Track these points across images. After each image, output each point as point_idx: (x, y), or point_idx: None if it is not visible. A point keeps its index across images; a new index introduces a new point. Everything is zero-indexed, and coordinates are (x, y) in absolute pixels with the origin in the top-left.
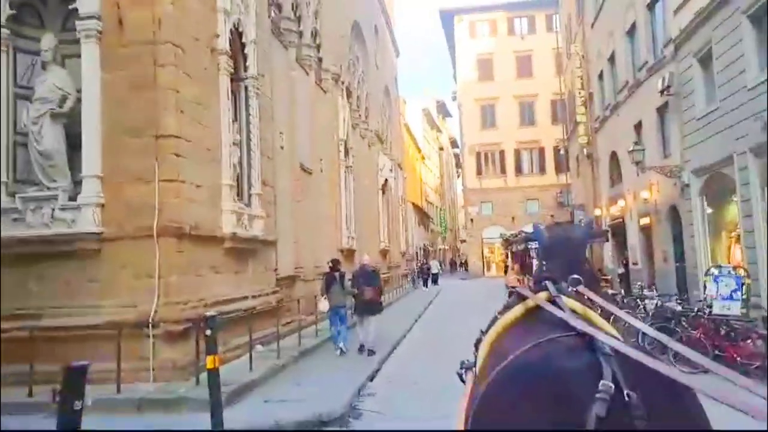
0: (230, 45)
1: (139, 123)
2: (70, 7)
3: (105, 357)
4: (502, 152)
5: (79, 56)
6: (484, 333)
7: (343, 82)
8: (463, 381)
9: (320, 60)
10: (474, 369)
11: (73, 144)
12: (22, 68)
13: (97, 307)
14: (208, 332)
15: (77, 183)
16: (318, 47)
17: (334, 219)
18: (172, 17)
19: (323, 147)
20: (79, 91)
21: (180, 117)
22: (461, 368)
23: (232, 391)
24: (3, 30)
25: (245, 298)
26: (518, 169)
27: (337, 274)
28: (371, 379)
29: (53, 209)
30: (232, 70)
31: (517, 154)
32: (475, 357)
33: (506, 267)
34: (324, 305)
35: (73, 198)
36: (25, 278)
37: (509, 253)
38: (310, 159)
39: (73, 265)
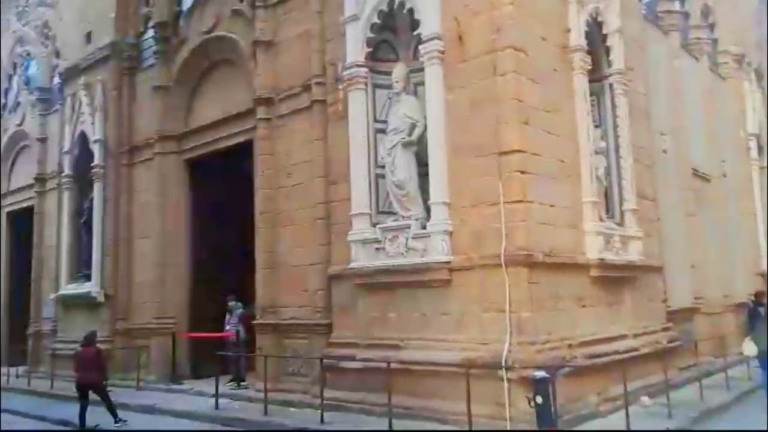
0: (586, 39)
1: (481, 141)
2: (414, 33)
3: (458, 396)
4: None
5: None
6: None
7: (749, 63)
8: None
9: (715, 41)
10: None
11: (425, 172)
12: (380, 103)
13: (449, 342)
14: (539, 400)
15: (429, 211)
16: (711, 27)
17: (748, 235)
18: (512, 19)
19: (725, 146)
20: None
21: (524, 129)
22: None
23: None
24: (360, 69)
25: (622, 336)
26: None
27: (762, 309)
28: None
29: (407, 239)
30: (590, 67)
31: None
32: None
33: None
34: (749, 348)
35: (425, 226)
36: (385, 308)
37: None
38: (706, 162)
39: (426, 295)
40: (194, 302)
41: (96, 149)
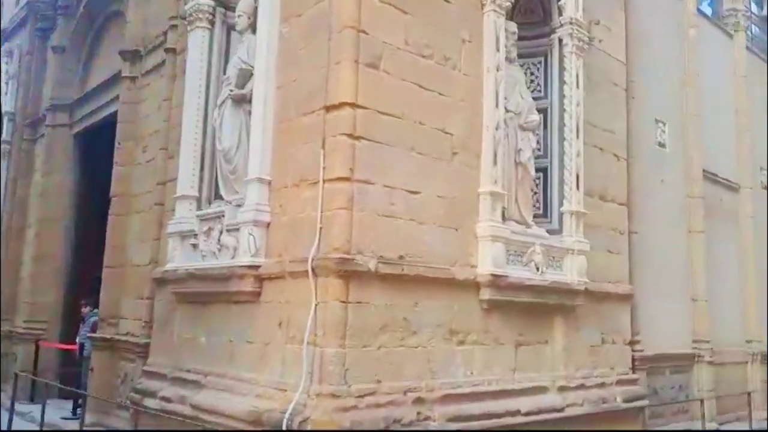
0: None
1: (310, 90)
2: None
3: None
4: None
5: None
6: None
7: None
8: None
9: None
10: None
11: None
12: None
13: (247, 383)
14: None
15: None
16: None
17: None
18: None
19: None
20: None
21: (366, 74)
22: None
23: None
24: (202, 2)
25: (537, 390)
26: None
27: None
28: None
29: (221, 231)
30: (509, 4)
31: None
32: None
33: None
34: None
35: None
36: (198, 327)
37: None
38: (732, 166)
39: (235, 313)
40: (71, 304)
41: (5, 122)
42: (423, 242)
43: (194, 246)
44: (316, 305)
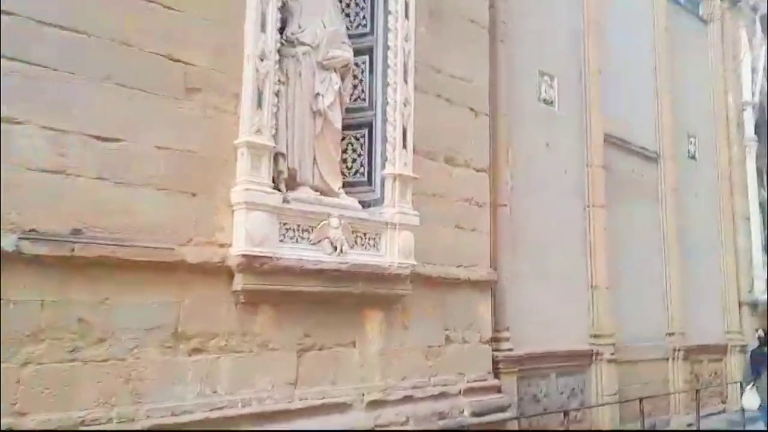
0: None
1: None
2: None
3: None
4: None
5: None
6: None
7: (755, 8)
8: None
9: None
10: None
11: None
12: None
13: None
14: None
15: None
16: None
17: (729, 246)
18: None
19: (698, 115)
20: None
21: None
22: None
23: None
24: None
25: (335, 408)
26: None
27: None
28: None
29: None
30: None
31: None
32: None
33: None
34: (751, 400)
35: None
36: None
37: None
38: (648, 133)
39: None
40: None
41: None
42: (126, 212)
43: None
44: None
